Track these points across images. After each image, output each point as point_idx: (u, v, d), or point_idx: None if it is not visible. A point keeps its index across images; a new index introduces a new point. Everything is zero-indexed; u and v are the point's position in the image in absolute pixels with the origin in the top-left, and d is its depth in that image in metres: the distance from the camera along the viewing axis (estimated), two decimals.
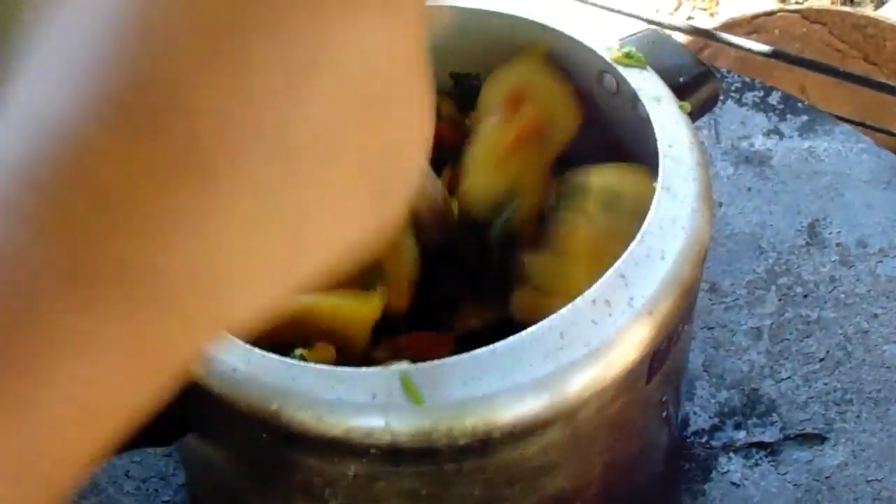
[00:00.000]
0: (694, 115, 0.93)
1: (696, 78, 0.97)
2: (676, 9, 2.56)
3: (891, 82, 1.64)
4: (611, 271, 0.78)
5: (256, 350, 0.75)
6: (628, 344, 0.75)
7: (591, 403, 0.75)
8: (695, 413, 1.07)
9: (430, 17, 0.40)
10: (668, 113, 0.89)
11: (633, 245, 0.79)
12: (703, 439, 1.05)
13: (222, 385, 0.74)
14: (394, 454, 0.73)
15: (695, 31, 1.65)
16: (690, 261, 0.80)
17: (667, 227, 0.81)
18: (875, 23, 1.97)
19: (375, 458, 0.73)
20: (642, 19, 1.61)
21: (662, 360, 0.80)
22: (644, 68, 0.94)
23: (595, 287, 0.77)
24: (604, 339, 0.74)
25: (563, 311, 0.76)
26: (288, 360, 0.74)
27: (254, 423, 0.73)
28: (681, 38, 1.65)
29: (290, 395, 0.72)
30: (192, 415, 0.78)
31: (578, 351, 0.74)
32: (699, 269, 0.82)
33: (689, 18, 2.51)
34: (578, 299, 0.76)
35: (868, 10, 2.13)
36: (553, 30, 0.98)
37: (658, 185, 0.83)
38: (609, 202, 0.88)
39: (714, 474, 1.03)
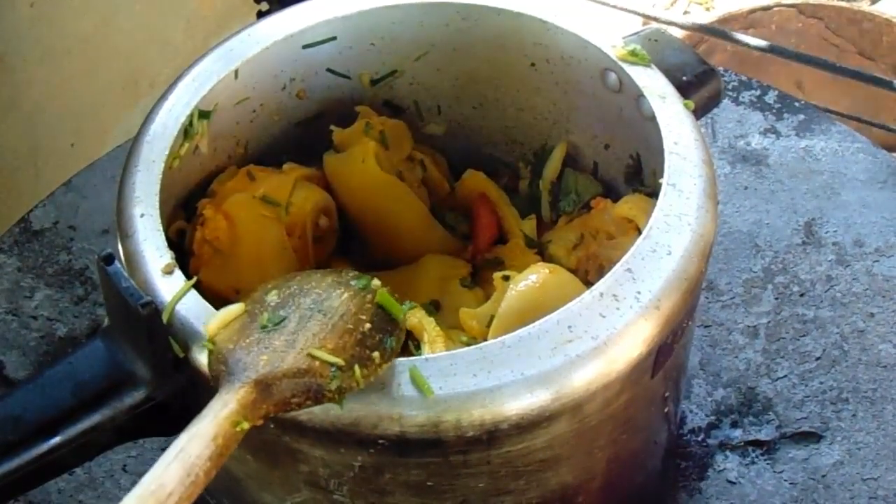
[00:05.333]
0: (697, 114, 0.93)
1: (699, 76, 0.98)
2: (673, 3, 2.56)
3: (886, 77, 1.65)
4: (618, 266, 0.78)
5: None
6: (635, 338, 0.76)
7: (597, 397, 0.75)
8: (691, 411, 1.08)
9: None
10: (673, 111, 0.90)
11: (640, 240, 0.80)
12: (700, 437, 1.06)
13: None
14: (401, 445, 0.73)
15: (691, 27, 1.65)
16: (696, 256, 0.80)
17: (673, 222, 0.81)
18: (871, 18, 1.99)
19: (383, 449, 0.73)
20: (639, 14, 1.61)
21: (667, 355, 0.80)
22: (648, 66, 0.94)
23: (603, 281, 0.77)
24: (611, 332, 0.75)
25: (571, 304, 0.76)
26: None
27: None
28: (677, 32, 1.66)
29: None
30: (197, 404, 0.77)
31: (586, 344, 0.74)
32: (705, 265, 0.82)
33: (686, 13, 2.51)
34: (586, 293, 0.77)
35: (864, 5, 2.14)
36: (557, 27, 0.99)
37: (664, 182, 0.84)
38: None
39: (710, 472, 1.03)
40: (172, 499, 0.63)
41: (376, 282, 0.79)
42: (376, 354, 0.73)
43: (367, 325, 0.75)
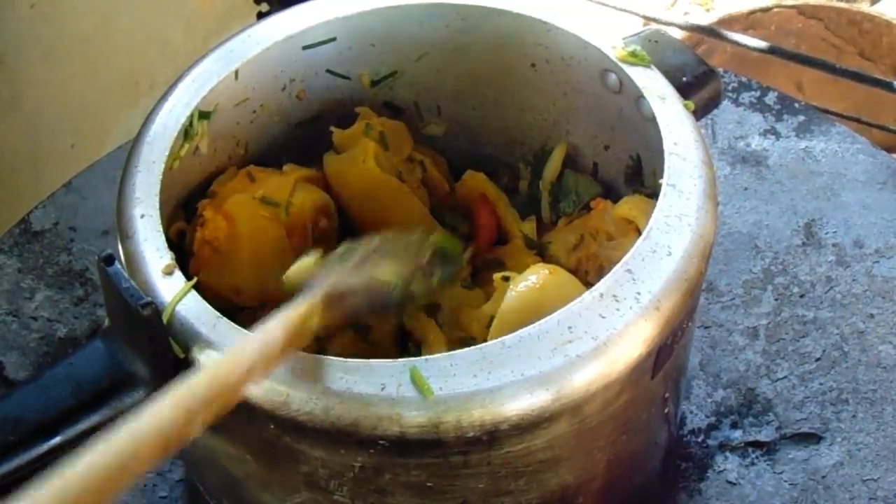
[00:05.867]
0: (697, 115, 0.93)
1: (699, 77, 0.98)
2: (673, 4, 2.56)
3: (886, 78, 1.65)
4: (618, 266, 0.78)
5: None
6: (635, 338, 0.76)
7: (597, 397, 0.75)
8: (691, 412, 1.08)
9: None
10: (673, 111, 0.90)
11: (640, 241, 0.80)
12: (700, 438, 1.06)
13: None
14: (401, 446, 0.73)
15: (691, 27, 1.65)
16: (696, 257, 0.80)
17: (673, 223, 0.81)
18: (871, 18, 1.99)
19: (383, 450, 0.73)
20: (639, 15, 1.61)
21: (668, 356, 0.80)
22: (648, 67, 0.94)
23: (603, 282, 0.77)
24: (611, 333, 0.75)
25: (571, 305, 0.76)
26: (296, 350, 0.74)
27: (261, 413, 0.73)
28: (677, 33, 1.66)
29: (299, 385, 0.72)
30: None
31: (586, 344, 0.74)
32: (705, 266, 0.82)
33: (686, 14, 2.51)
34: (586, 294, 0.77)
35: (864, 6, 2.14)
36: (557, 28, 0.99)
37: (664, 182, 0.84)
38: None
39: (710, 473, 1.03)
40: (247, 365, 0.69)
41: (435, 234, 0.86)
42: (434, 279, 0.84)
43: (426, 258, 0.84)
